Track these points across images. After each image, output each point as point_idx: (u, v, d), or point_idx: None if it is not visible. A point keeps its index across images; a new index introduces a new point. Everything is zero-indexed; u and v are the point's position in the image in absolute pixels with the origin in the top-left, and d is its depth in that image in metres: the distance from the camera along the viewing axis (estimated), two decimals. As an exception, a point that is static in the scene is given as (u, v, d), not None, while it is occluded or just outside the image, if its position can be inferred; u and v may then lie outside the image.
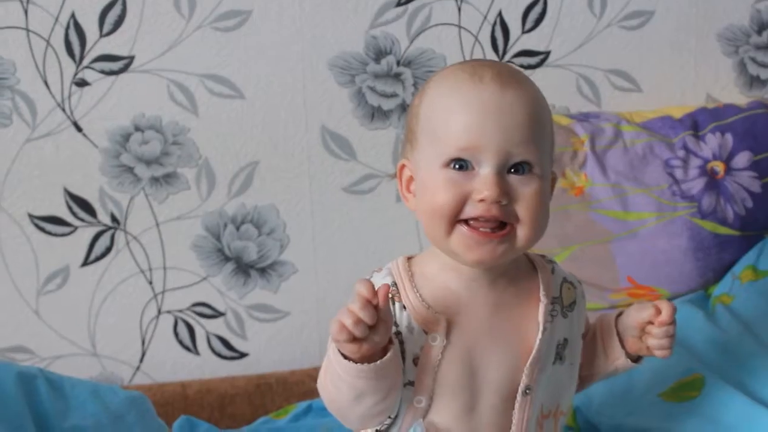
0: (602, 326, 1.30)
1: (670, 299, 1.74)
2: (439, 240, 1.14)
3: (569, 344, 1.23)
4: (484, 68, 1.15)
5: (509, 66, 1.21)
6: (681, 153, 1.81)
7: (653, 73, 1.95)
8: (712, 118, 1.86)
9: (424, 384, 1.16)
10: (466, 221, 1.12)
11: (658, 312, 1.22)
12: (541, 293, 1.20)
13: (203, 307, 1.90)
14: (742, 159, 1.81)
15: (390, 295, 1.15)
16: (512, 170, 1.12)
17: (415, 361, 1.16)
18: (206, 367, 1.92)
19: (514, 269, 1.21)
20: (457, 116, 1.12)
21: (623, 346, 1.27)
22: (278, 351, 1.91)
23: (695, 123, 1.85)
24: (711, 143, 1.82)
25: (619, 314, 1.29)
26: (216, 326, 1.91)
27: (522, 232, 1.13)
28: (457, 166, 1.12)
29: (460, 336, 1.16)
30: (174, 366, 1.91)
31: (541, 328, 1.18)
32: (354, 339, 1.05)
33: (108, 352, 1.89)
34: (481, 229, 1.12)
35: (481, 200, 1.10)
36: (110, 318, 1.88)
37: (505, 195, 1.11)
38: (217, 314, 1.91)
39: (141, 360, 1.90)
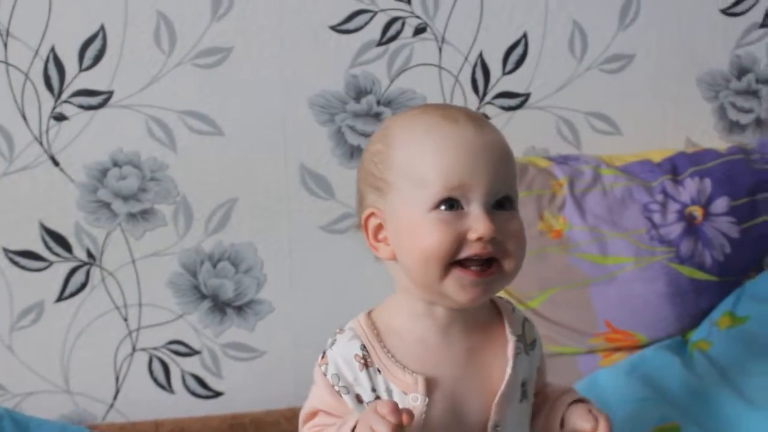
0: (555, 404, 1.28)
1: (647, 344, 1.76)
2: (430, 284, 1.13)
3: (530, 382, 1.24)
4: (452, 110, 1.18)
5: (471, 109, 1.26)
6: (659, 197, 1.81)
7: (633, 116, 1.95)
8: (691, 162, 1.86)
9: None
10: (458, 263, 1.12)
11: (594, 429, 1.20)
12: (508, 332, 1.21)
13: (179, 345, 1.88)
14: (721, 204, 1.81)
15: (363, 360, 1.15)
16: (497, 206, 1.14)
17: None
18: (181, 406, 1.89)
19: (481, 311, 1.22)
20: (442, 156, 1.12)
21: None
22: (254, 390, 1.89)
23: (674, 167, 1.86)
24: (689, 188, 1.82)
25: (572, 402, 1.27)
26: (191, 364, 1.89)
27: (509, 266, 1.14)
28: (447, 207, 1.12)
29: (441, 390, 1.16)
30: (148, 404, 1.88)
31: (510, 363, 1.18)
32: None
33: (81, 389, 1.87)
34: (473, 268, 1.12)
35: (479, 239, 1.11)
36: (84, 354, 1.85)
37: (498, 231, 1.12)
38: (192, 352, 1.89)
39: (115, 398, 1.88)
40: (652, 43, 1.93)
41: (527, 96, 1.91)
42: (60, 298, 1.83)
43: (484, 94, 1.90)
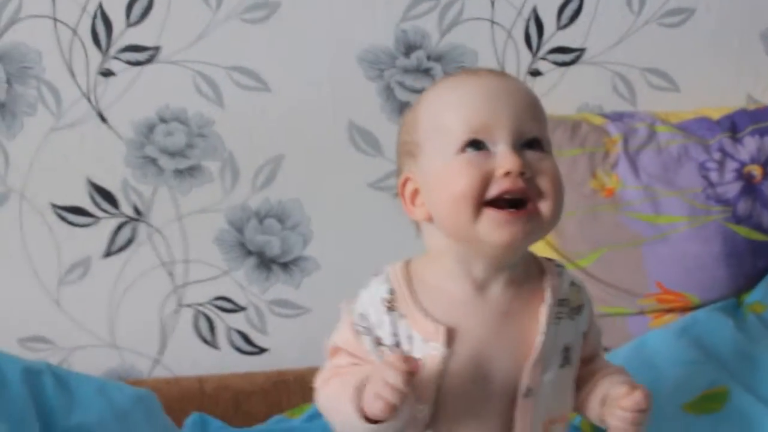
0: (599, 382, 1.23)
1: (700, 306, 1.72)
2: (465, 228, 1.10)
3: (575, 346, 1.20)
4: (476, 69, 1.20)
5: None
6: (717, 155, 1.76)
7: (692, 72, 1.90)
8: (752, 120, 1.80)
9: (426, 394, 1.12)
10: (490, 203, 1.09)
11: (629, 393, 1.14)
12: (547, 294, 1.17)
13: (224, 301, 1.88)
14: (781, 163, 1.75)
15: (388, 303, 1.14)
16: (526, 147, 1.11)
17: None
18: (226, 362, 1.90)
19: (524, 273, 1.18)
20: (464, 102, 1.12)
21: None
22: (299, 347, 1.89)
23: (733, 125, 1.80)
24: (749, 146, 1.76)
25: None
26: (236, 321, 1.89)
27: (546, 207, 1.10)
28: (473, 149, 1.10)
29: (464, 344, 1.13)
30: (193, 360, 1.89)
31: (541, 329, 1.15)
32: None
33: (127, 345, 1.88)
34: (507, 209, 1.09)
35: (506, 174, 1.08)
36: (130, 310, 1.87)
37: (527, 167, 1.09)
38: (238, 309, 1.89)
39: (161, 353, 1.89)
40: (713, -5, 1.88)
41: (582, 51, 1.86)
42: (107, 254, 1.84)
43: (538, 49, 1.85)
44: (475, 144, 1.10)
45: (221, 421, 1.65)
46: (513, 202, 1.09)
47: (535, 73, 1.84)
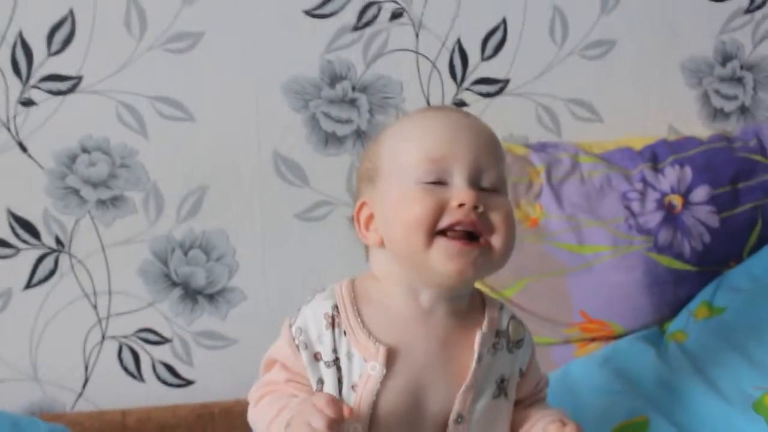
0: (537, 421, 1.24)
1: (623, 335, 1.74)
2: (417, 256, 1.13)
3: (511, 380, 1.22)
4: (441, 107, 1.30)
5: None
6: (639, 186, 1.78)
7: (615, 103, 1.92)
8: (672, 150, 1.83)
9: (361, 413, 1.13)
10: (443, 233, 1.12)
11: (561, 429, 1.17)
12: (484, 323, 1.20)
13: (149, 333, 1.86)
14: (701, 193, 1.78)
15: (331, 319, 1.15)
16: (481, 185, 1.15)
17: (354, 387, 1.13)
18: (151, 395, 1.87)
19: (466, 305, 1.21)
20: (425, 134, 1.16)
21: None
22: (225, 379, 1.87)
23: (655, 155, 1.82)
24: (669, 176, 1.79)
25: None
26: (162, 353, 1.87)
27: (498, 242, 1.14)
28: (430, 180, 1.13)
29: (403, 367, 1.14)
30: (118, 393, 1.86)
31: (475, 356, 1.17)
32: None
33: (50, 378, 1.84)
34: (458, 239, 1.12)
35: (460, 206, 1.11)
36: (53, 342, 1.83)
37: (481, 202, 1.12)
38: (163, 341, 1.86)
39: (84, 386, 1.86)
40: (634, 28, 1.90)
41: (506, 82, 1.88)
42: (28, 286, 1.81)
43: (462, 80, 1.86)
44: (433, 175, 1.13)
45: (143, 455, 1.63)
46: (465, 234, 1.12)
47: (461, 104, 1.85)
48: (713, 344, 1.60)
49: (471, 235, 1.12)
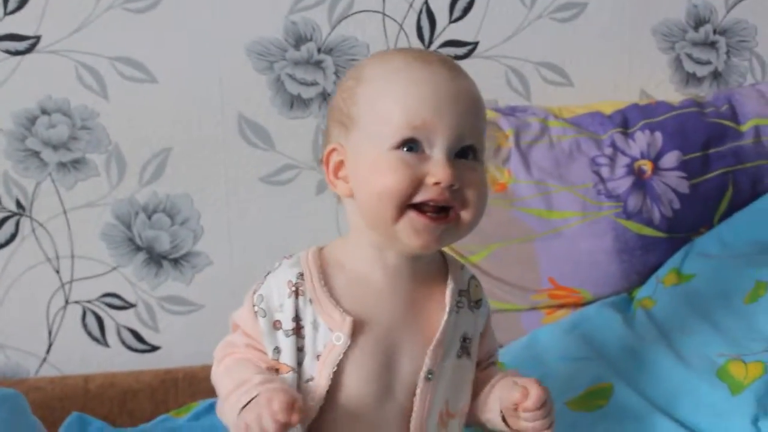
0: (497, 382, 1.23)
1: (592, 301, 1.72)
2: (383, 225, 1.11)
3: (473, 340, 1.21)
4: (429, 54, 1.17)
5: (449, 58, 1.20)
6: (608, 151, 1.76)
7: (586, 67, 1.90)
8: (643, 115, 1.80)
9: (322, 383, 1.12)
10: (414, 206, 1.09)
11: (525, 396, 1.15)
12: (449, 279, 1.19)
13: (113, 297, 1.83)
14: (671, 158, 1.75)
15: (294, 288, 1.13)
16: (460, 155, 1.11)
17: (318, 357, 1.12)
18: (116, 360, 1.85)
19: (431, 263, 1.20)
20: (410, 94, 1.10)
21: (504, 421, 1.21)
22: (191, 344, 1.85)
23: (625, 120, 1.80)
24: (640, 141, 1.76)
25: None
26: (126, 318, 1.85)
27: (467, 216, 1.12)
28: (408, 148, 1.09)
29: (370, 334, 1.13)
30: (83, 358, 1.84)
31: (447, 309, 1.17)
32: None
33: (13, 343, 1.82)
34: (428, 213, 1.10)
35: (436, 184, 1.08)
36: (15, 307, 1.81)
37: (457, 179, 1.09)
38: (127, 305, 1.84)
39: (48, 352, 1.83)
40: (605, -10, 1.88)
41: (475, 45, 1.85)
42: (-12, 250, 1.79)
43: (430, 42, 1.83)
44: (412, 142, 1.09)
45: (104, 421, 1.61)
46: (436, 209, 1.10)
47: (429, 67, 1.82)
48: (680, 311, 1.59)
49: (441, 209, 1.10)
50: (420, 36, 1.82)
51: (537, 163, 1.75)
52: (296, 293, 1.13)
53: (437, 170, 1.08)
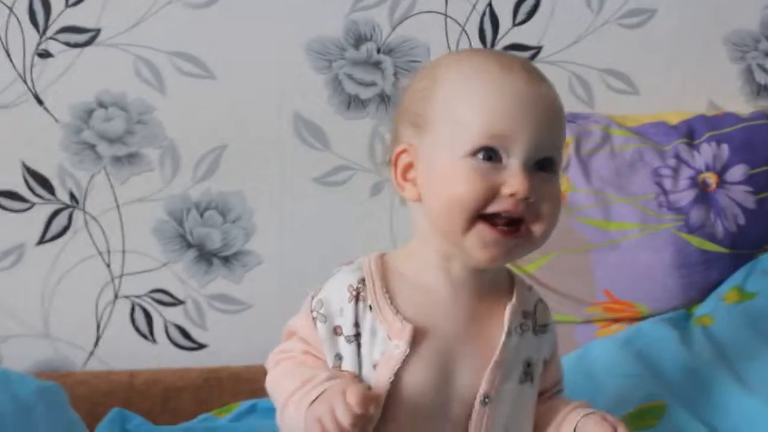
0: (569, 414, 1.18)
1: (649, 316, 1.67)
2: (452, 234, 1.07)
3: (536, 366, 1.16)
4: (509, 58, 1.11)
5: (530, 61, 1.17)
6: (672, 162, 1.71)
7: (652, 75, 1.85)
8: (710, 126, 1.75)
9: (380, 392, 1.07)
10: (485, 217, 1.05)
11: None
12: (514, 298, 1.14)
13: (162, 294, 1.82)
14: (738, 172, 1.70)
15: (355, 292, 1.09)
16: (538, 166, 1.06)
17: (376, 366, 1.08)
18: (163, 357, 1.84)
19: (497, 277, 1.15)
20: (489, 101, 1.05)
21: None
22: (238, 344, 1.83)
23: (691, 131, 1.75)
24: (705, 153, 1.71)
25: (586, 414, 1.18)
26: (175, 315, 1.83)
27: (539, 230, 1.07)
28: (484, 156, 1.05)
29: (429, 345, 1.09)
30: (129, 353, 1.83)
31: (505, 329, 1.11)
32: None
33: (61, 335, 1.82)
34: (500, 226, 1.05)
35: (512, 195, 1.04)
36: (65, 300, 1.80)
37: (533, 191, 1.05)
38: (176, 302, 1.83)
39: (95, 345, 1.83)
40: (676, -4, 1.83)
41: (539, 49, 1.81)
42: (41, 241, 1.79)
43: (493, 45, 1.80)
44: (489, 151, 1.05)
45: (145, 418, 1.60)
46: (508, 221, 1.05)
47: (490, 71, 1.79)
48: (741, 331, 1.53)
49: (513, 221, 1.05)
50: (482, 39, 1.79)
51: (597, 172, 1.71)
52: (357, 298, 1.09)
53: (514, 181, 1.04)
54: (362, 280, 1.10)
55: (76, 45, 1.72)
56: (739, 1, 1.84)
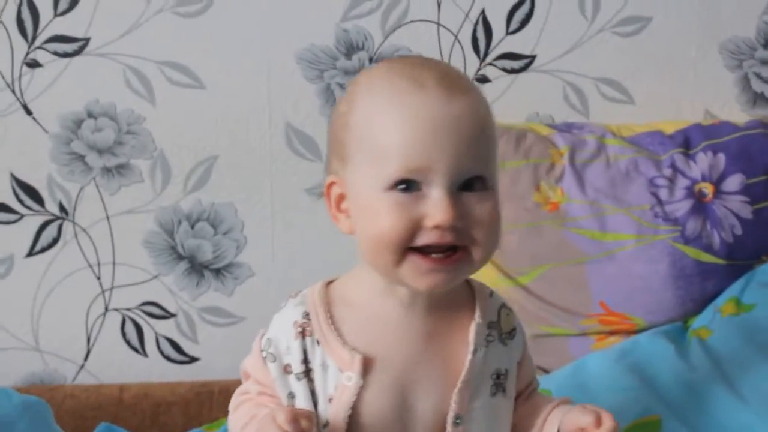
0: (550, 413, 1.15)
1: (645, 329, 1.64)
2: (386, 269, 1.02)
3: (509, 375, 1.12)
4: (423, 71, 1.03)
5: (449, 66, 1.09)
6: (668, 172, 1.69)
7: (648, 84, 1.83)
8: (706, 135, 1.73)
9: (339, 427, 1.05)
10: (416, 248, 1.00)
11: (598, 424, 1.08)
12: (476, 314, 1.10)
13: (153, 306, 1.81)
14: (734, 182, 1.68)
15: (301, 328, 1.06)
16: (464, 187, 1.01)
17: (331, 400, 1.05)
18: (154, 370, 1.83)
19: (452, 293, 1.09)
20: (400, 132, 1.00)
21: None
22: (230, 357, 1.80)
23: (687, 140, 1.73)
24: (701, 163, 1.69)
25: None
26: (166, 328, 1.82)
27: (477, 254, 1.02)
28: (403, 189, 1.00)
29: (383, 373, 1.06)
30: (120, 367, 1.82)
31: (471, 348, 1.08)
32: None
33: (51, 349, 1.81)
34: (433, 255, 1.00)
35: (435, 227, 0.99)
36: (55, 312, 1.79)
37: (460, 218, 1.00)
38: (167, 315, 1.81)
39: (86, 358, 1.81)
40: (671, 5, 1.80)
41: (532, 58, 1.79)
42: (30, 253, 1.77)
43: (486, 54, 1.78)
44: (408, 183, 1.00)
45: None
46: (442, 248, 1.01)
47: (483, 80, 1.77)
48: (738, 343, 1.51)
49: (448, 248, 1.01)
50: (475, 48, 1.77)
51: (592, 182, 1.69)
52: (303, 334, 1.06)
53: (435, 212, 0.99)
54: (306, 315, 1.07)
55: (65, 54, 1.71)
56: (735, 9, 1.81)
